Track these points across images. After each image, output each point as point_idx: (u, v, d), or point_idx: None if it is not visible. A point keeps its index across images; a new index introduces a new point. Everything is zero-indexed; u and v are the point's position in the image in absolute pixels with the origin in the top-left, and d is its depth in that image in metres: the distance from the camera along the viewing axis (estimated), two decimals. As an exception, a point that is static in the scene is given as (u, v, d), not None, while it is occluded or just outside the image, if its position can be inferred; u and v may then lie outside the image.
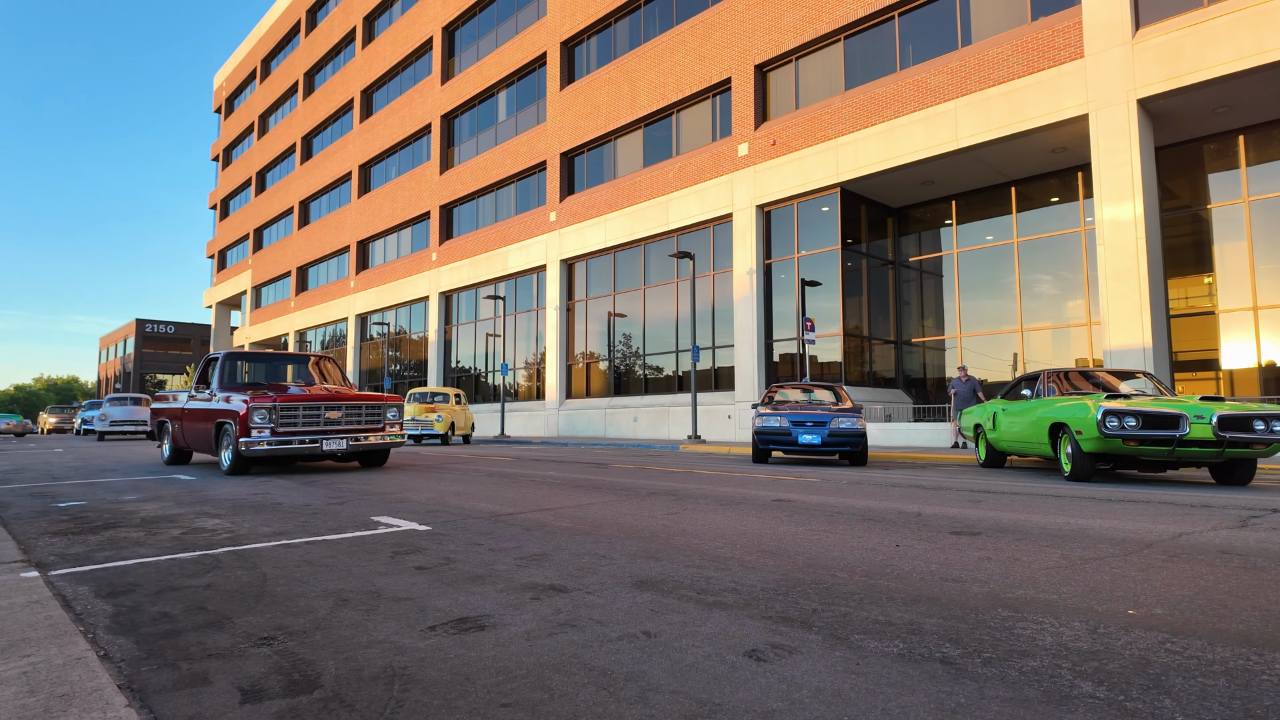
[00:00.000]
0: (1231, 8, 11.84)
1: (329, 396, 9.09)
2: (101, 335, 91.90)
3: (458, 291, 30.02)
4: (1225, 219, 14.20)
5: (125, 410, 24.79)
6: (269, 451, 8.57)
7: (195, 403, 10.01)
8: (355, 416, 9.25)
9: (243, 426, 8.53)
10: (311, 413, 8.91)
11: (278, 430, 8.64)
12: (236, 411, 8.63)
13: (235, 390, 9.22)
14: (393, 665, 2.13)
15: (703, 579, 3.21)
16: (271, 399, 8.63)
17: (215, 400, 9.37)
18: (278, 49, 45.81)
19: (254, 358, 10.65)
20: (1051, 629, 2.46)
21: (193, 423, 9.96)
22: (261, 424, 8.54)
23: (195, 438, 9.94)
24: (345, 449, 9.06)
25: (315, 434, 8.92)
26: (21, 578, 3.32)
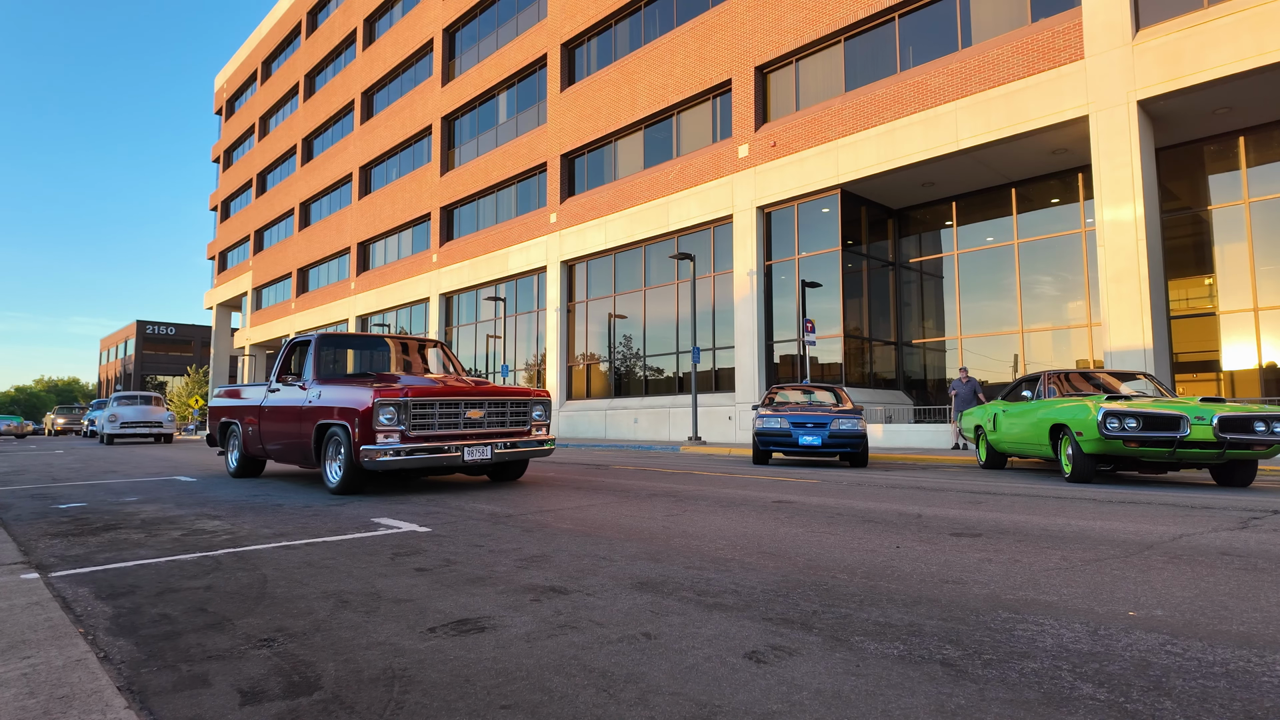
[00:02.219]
0: (1231, 9, 11.84)
1: (470, 390, 6.96)
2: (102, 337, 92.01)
3: (458, 293, 30.03)
4: (1225, 220, 14.20)
5: (137, 410, 21.99)
6: (398, 463, 6.37)
7: (280, 398, 7.88)
8: (499, 415, 7.14)
9: (364, 430, 6.35)
10: (450, 411, 6.76)
11: (409, 435, 6.44)
12: (355, 409, 6.44)
13: (344, 383, 7.02)
14: (392, 667, 2.13)
15: (703, 580, 3.21)
16: (401, 392, 6.44)
17: (313, 395, 7.23)
18: (278, 51, 45.86)
19: (353, 342, 8.55)
20: (1052, 630, 2.46)
21: (278, 424, 7.82)
22: (389, 426, 6.35)
23: (281, 444, 7.79)
24: (489, 459, 6.89)
25: (454, 439, 6.80)
26: (22, 579, 3.32)
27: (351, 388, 6.79)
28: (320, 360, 7.77)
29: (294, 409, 7.54)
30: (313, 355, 7.74)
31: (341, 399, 6.78)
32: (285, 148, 43.65)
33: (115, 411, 21.22)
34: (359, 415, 6.42)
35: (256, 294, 46.90)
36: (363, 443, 6.37)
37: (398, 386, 6.53)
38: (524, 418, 7.38)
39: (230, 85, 52.55)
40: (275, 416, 7.92)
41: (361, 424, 6.39)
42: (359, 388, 6.67)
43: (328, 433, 6.94)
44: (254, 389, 8.70)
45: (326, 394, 7.05)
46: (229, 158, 53.51)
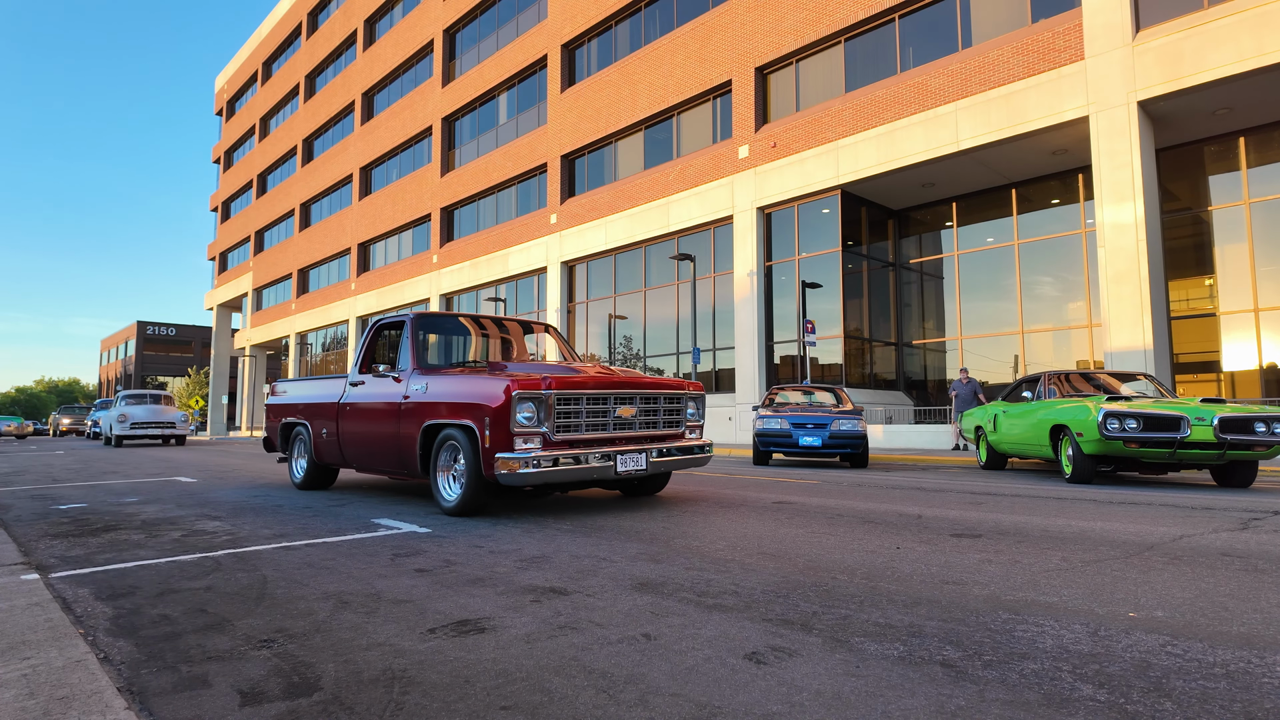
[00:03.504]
0: (1231, 10, 11.84)
1: (621, 381, 5.52)
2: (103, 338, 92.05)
3: (459, 293, 30.04)
4: (1226, 221, 14.20)
5: (148, 410, 20.22)
6: (543, 476, 4.91)
7: (367, 394, 6.40)
8: (651, 414, 5.69)
9: (498, 432, 4.94)
10: (598, 409, 5.33)
11: (552, 439, 5.06)
12: (484, 406, 5.04)
13: (458, 373, 5.58)
14: (392, 668, 2.13)
15: (703, 581, 3.21)
16: (544, 383, 5.05)
17: (415, 388, 5.77)
18: (279, 51, 45.89)
19: (449, 324, 7.01)
20: (1052, 631, 2.45)
21: (364, 426, 6.32)
22: (528, 427, 4.95)
23: (369, 450, 6.27)
24: (644, 469, 5.41)
25: (604, 444, 5.37)
26: (22, 580, 3.32)
27: (471, 378, 5.32)
28: (418, 347, 6.17)
29: (388, 407, 6.04)
30: (410, 340, 6.14)
31: (460, 393, 5.30)
32: (286, 148, 43.67)
33: (124, 411, 19.66)
34: (490, 414, 4.95)
35: (257, 295, 46.92)
36: (497, 449, 4.91)
37: (538, 376, 5.03)
38: (677, 416, 5.91)
39: (231, 86, 52.58)
40: (361, 416, 6.40)
41: (494, 425, 4.93)
42: (482, 378, 5.21)
43: (439, 436, 5.46)
44: (327, 383, 7.23)
45: (436, 387, 5.57)
46: (229, 158, 53.54)
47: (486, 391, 5.11)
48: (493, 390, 5.06)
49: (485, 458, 4.99)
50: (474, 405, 5.14)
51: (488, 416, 5.00)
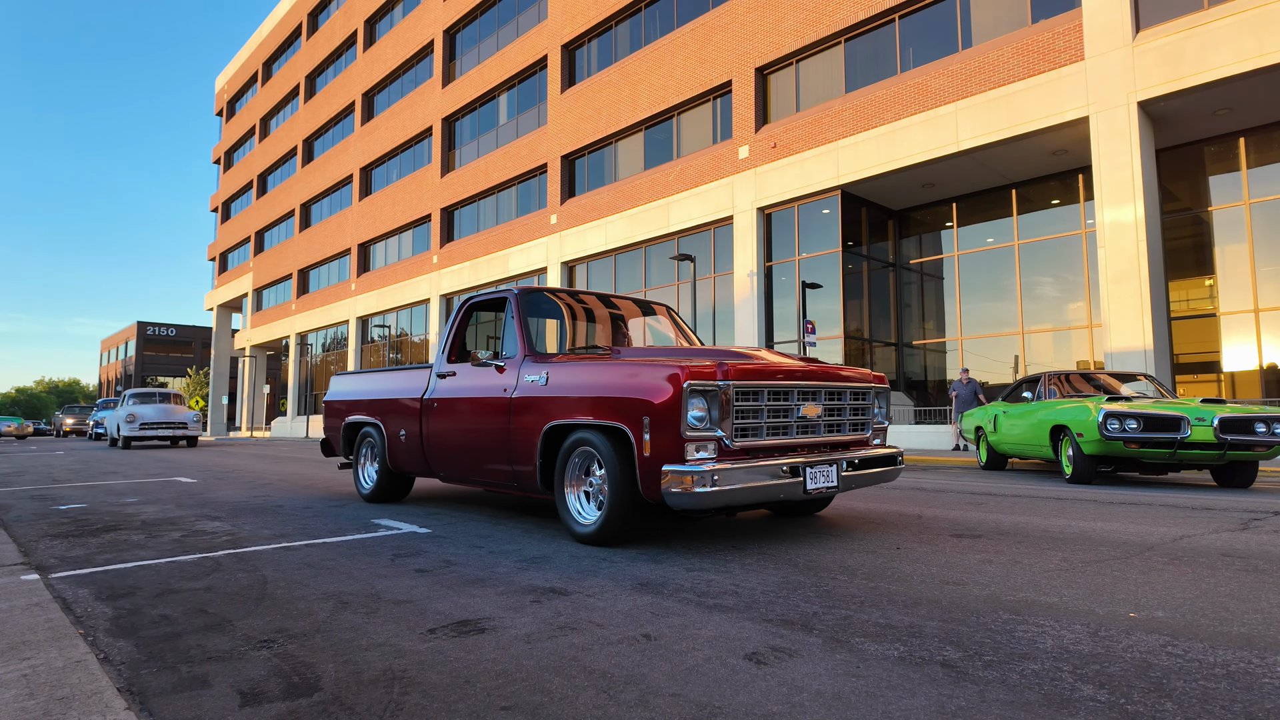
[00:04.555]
0: (1232, 10, 11.85)
1: (804, 370, 4.25)
2: (103, 338, 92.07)
3: (459, 294, 30.04)
4: (1226, 221, 14.20)
5: (158, 409, 18.79)
6: (722, 496, 3.67)
7: (460, 387, 5.26)
8: (836, 413, 4.46)
9: (663, 436, 3.74)
10: (780, 405, 4.09)
11: (730, 446, 3.84)
12: (644, 401, 3.82)
13: (592, 360, 4.38)
14: (392, 668, 2.13)
15: (703, 582, 3.21)
16: (720, 370, 3.82)
17: (530, 380, 4.61)
18: (279, 52, 45.90)
19: (554, 305, 5.72)
20: (1053, 632, 2.45)
21: (462, 426, 5.15)
22: (701, 431, 3.76)
23: (465, 456, 5.13)
24: (835, 485, 4.15)
25: (790, 451, 4.13)
26: (22, 580, 3.32)
27: (616, 366, 4.10)
28: (527, 329, 5.02)
29: (492, 403, 4.85)
30: (517, 320, 5.01)
31: (600, 384, 4.08)
32: (286, 149, 43.68)
33: (133, 411, 18.43)
34: (652, 412, 3.74)
35: (257, 295, 46.93)
36: (662, 459, 3.70)
37: (710, 363, 3.82)
38: (864, 417, 4.64)
39: (231, 86, 52.60)
40: (453, 415, 5.24)
41: (657, 427, 3.72)
42: (634, 365, 4.00)
43: (567, 441, 4.28)
44: (405, 375, 6.08)
45: (560, 378, 4.37)
46: (230, 159, 53.55)
47: (644, 382, 3.83)
48: (654, 380, 3.79)
49: (645, 471, 3.76)
50: (625, 401, 3.88)
51: (647, 416, 3.76)
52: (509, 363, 4.91)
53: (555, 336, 5.79)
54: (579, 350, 5.07)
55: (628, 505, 3.97)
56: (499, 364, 4.98)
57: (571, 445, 4.28)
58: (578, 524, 4.24)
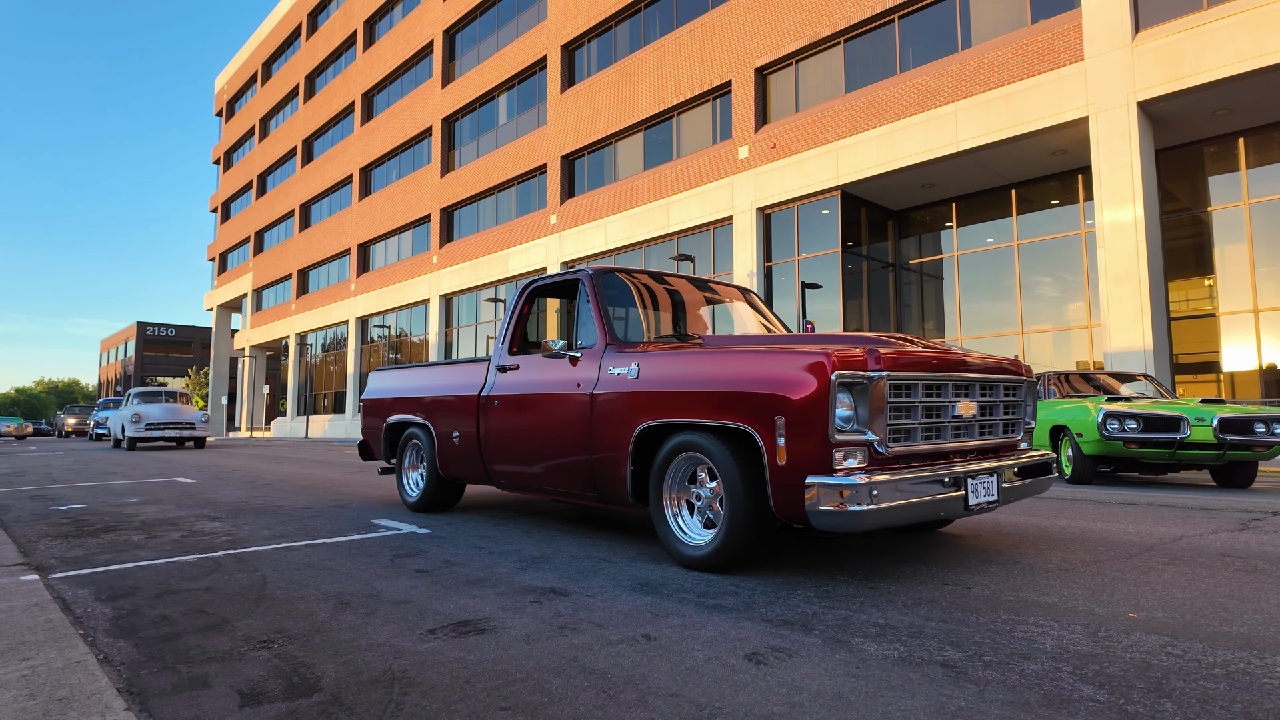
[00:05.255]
0: (1231, 10, 11.85)
1: (957, 359, 3.56)
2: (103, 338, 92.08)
3: (458, 294, 30.05)
4: (1225, 221, 14.20)
5: (165, 409, 17.89)
6: (878, 516, 2.94)
7: (528, 381, 4.61)
8: (989, 412, 3.71)
9: (803, 439, 3.02)
10: (932, 402, 3.36)
11: (882, 453, 3.11)
12: (777, 397, 3.11)
13: (698, 351, 3.68)
14: (392, 668, 2.13)
15: (703, 582, 3.21)
16: (870, 358, 3.13)
17: (617, 372, 3.97)
18: (279, 52, 45.90)
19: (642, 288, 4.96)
20: (1052, 632, 2.46)
21: (529, 427, 4.50)
22: (849, 433, 3.03)
23: (537, 461, 4.46)
24: (995, 500, 3.46)
25: (944, 459, 3.42)
26: (21, 580, 3.32)
27: (732, 356, 3.42)
28: (604, 314, 4.34)
29: (565, 400, 4.22)
30: (594, 304, 4.36)
31: (713, 377, 3.41)
32: (285, 149, 43.69)
33: (138, 410, 17.56)
34: (789, 410, 3.04)
35: (256, 295, 46.93)
36: (804, 468, 3.00)
37: (860, 350, 3.14)
38: (1016, 416, 3.89)
39: (230, 87, 52.60)
40: (518, 414, 4.59)
41: (795, 429, 3.03)
42: (758, 354, 3.32)
43: (668, 446, 3.60)
44: (458, 369, 5.40)
45: (656, 370, 3.72)
46: (229, 159, 53.55)
47: (776, 373, 3.14)
48: (790, 371, 3.10)
49: (779, 482, 3.07)
50: (751, 397, 3.18)
51: (782, 415, 3.06)
52: (587, 353, 4.23)
53: (623, 324, 4.98)
54: (666, 339, 4.32)
55: (753, 523, 3.23)
56: (574, 355, 4.28)
57: (673, 450, 3.58)
58: (684, 545, 3.50)
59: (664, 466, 3.64)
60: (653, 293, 5.05)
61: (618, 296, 4.69)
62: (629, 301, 4.80)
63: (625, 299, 4.77)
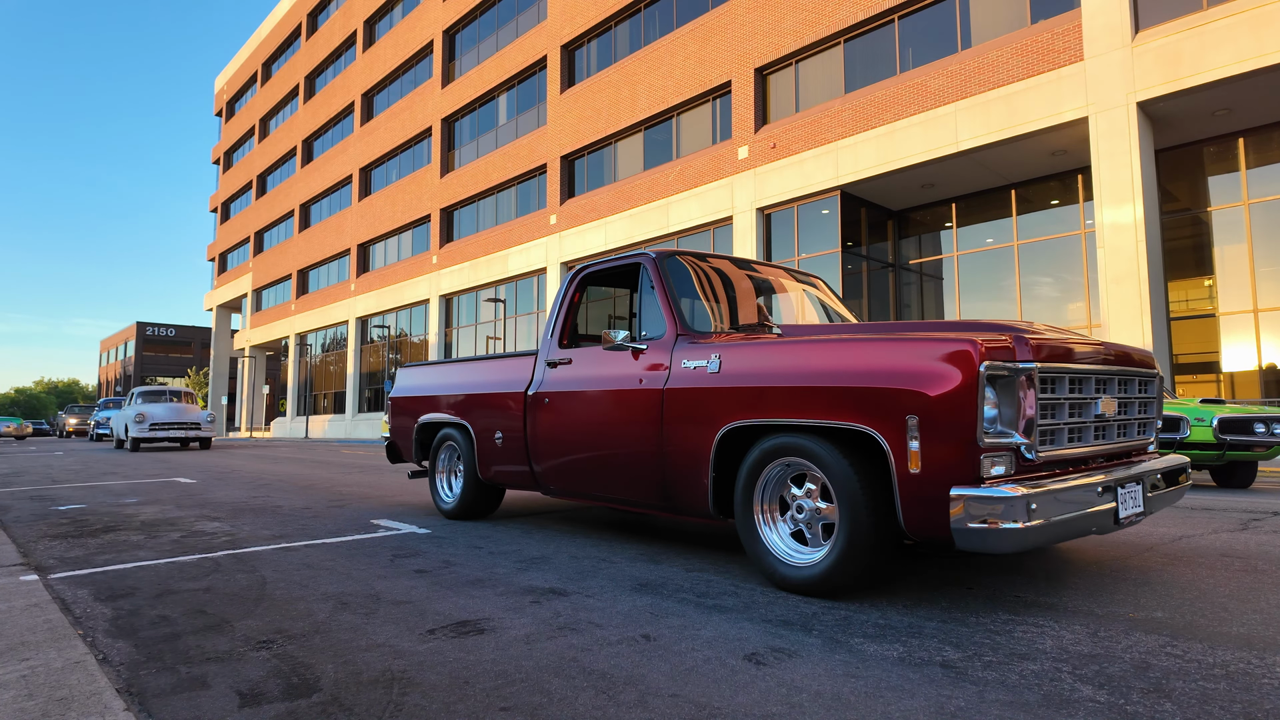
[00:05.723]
0: (1231, 10, 11.86)
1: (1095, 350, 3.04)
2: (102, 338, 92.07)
3: (458, 294, 30.05)
4: (1225, 222, 14.20)
5: (169, 409, 17.30)
6: (1035, 534, 2.49)
7: (583, 376, 4.19)
8: (1125, 409, 3.24)
9: (942, 443, 2.56)
10: (1077, 398, 2.89)
11: (1030, 459, 2.65)
12: (915, 392, 2.63)
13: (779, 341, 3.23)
14: (392, 669, 2.13)
15: (703, 582, 3.21)
16: (1018, 346, 2.64)
17: (694, 364, 3.52)
18: (279, 52, 45.91)
19: (711, 272, 4.35)
20: (1052, 632, 2.45)
21: (586, 427, 4.07)
22: (997, 436, 2.56)
23: (596, 465, 4.02)
24: (1141, 511, 3.00)
25: (1093, 465, 3.01)
26: (21, 581, 3.32)
27: (850, 345, 2.95)
28: (673, 300, 3.89)
29: (630, 397, 3.78)
30: (660, 290, 3.93)
31: (824, 370, 2.95)
32: (285, 149, 43.69)
33: (142, 410, 17.03)
34: (926, 408, 2.62)
35: (256, 295, 46.92)
36: (945, 478, 2.58)
37: (1003, 338, 2.67)
38: (1149, 415, 3.48)
39: (230, 87, 52.61)
40: (572, 413, 4.16)
41: (934, 430, 2.61)
42: (884, 343, 2.85)
43: (761, 449, 3.13)
44: (500, 364, 4.97)
45: (742, 363, 3.27)
46: (229, 159, 53.55)
47: (907, 365, 2.70)
48: (925, 362, 2.66)
49: (911, 494, 2.63)
50: (874, 393, 2.73)
51: (916, 414, 2.62)
52: (653, 345, 3.80)
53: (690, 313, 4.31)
54: (744, 328, 3.84)
55: (875, 541, 2.77)
56: (638, 347, 3.86)
57: (766, 455, 3.11)
58: (784, 565, 3.03)
59: (754, 473, 3.17)
60: (723, 277, 4.41)
61: (681, 282, 4.12)
62: (692, 287, 4.16)
63: (687, 285, 4.15)
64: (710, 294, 4.24)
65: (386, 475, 9.33)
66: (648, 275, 4.06)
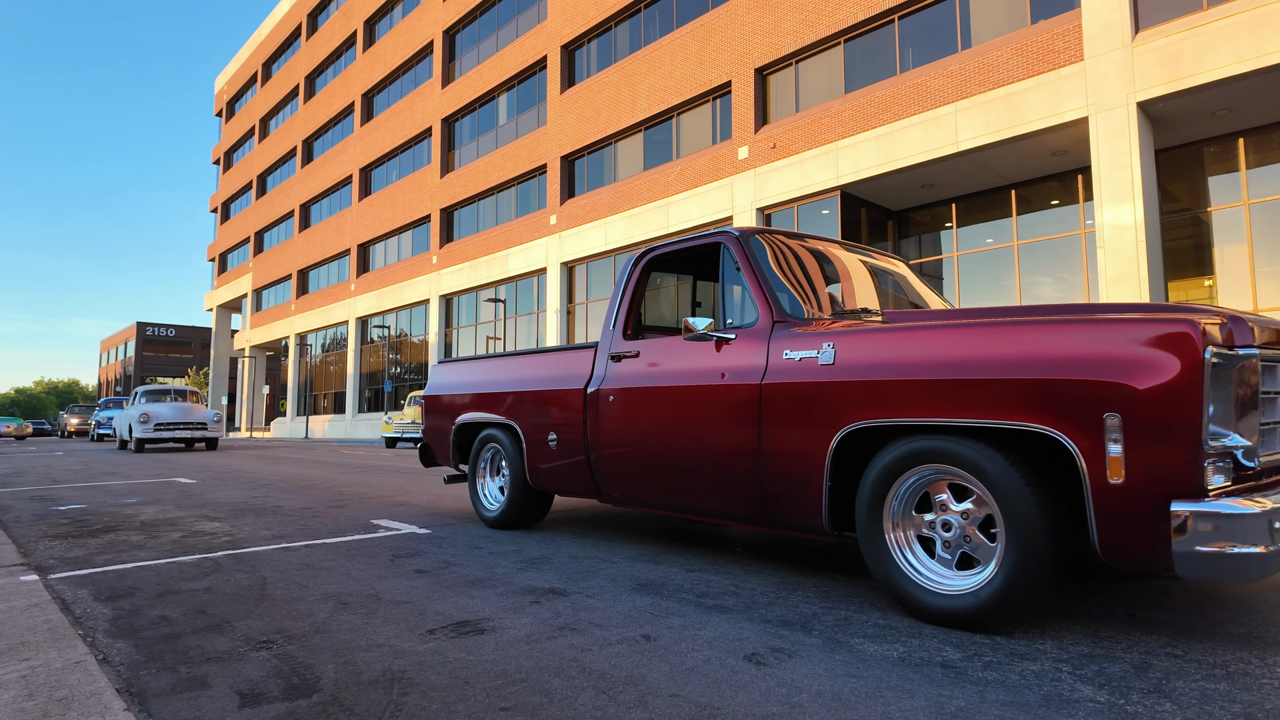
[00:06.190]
0: (1231, 11, 11.86)
1: None
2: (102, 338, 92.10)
3: (458, 294, 30.06)
4: (1225, 222, 14.21)
5: (175, 408, 16.86)
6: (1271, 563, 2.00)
7: (656, 371, 3.72)
8: None
9: (1164, 450, 2.08)
10: None
11: (1252, 469, 2.18)
12: (1121, 386, 2.15)
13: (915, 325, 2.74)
14: (392, 669, 2.13)
15: (703, 582, 3.21)
16: (1236, 328, 2.21)
17: (800, 355, 3.02)
18: (279, 53, 45.92)
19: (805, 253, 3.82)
20: (1052, 632, 2.46)
21: (662, 425, 3.60)
22: (1220, 440, 2.09)
23: (674, 471, 3.54)
24: None
25: None
26: (21, 581, 3.32)
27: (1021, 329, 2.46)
28: (766, 280, 3.43)
29: (718, 394, 3.31)
30: (750, 271, 3.46)
31: (990, 358, 2.46)
32: (285, 149, 43.70)
33: (147, 410, 16.53)
34: (1134, 405, 2.15)
35: (256, 296, 46.93)
36: (1163, 490, 2.10)
37: (1217, 321, 2.22)
38: None
39: (230, 87, 52.61)
40: (644, 412, 3.70)
41: (1143, 432, 2.14)
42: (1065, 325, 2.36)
43: (892, 456, 2.69)
44: (552, 359, 4.51)
45: (869, 352, 2.80)
46: (229, 159, 53.56)
47: (1105, 351, 2.25)
48: (1128, 348, 2.21)
49: (1112, 510, 2.19)
50: (1062, 387, 2.28)
51: (1118, 413, 2.17)
52: (744, 334, 3.32)
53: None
54: (848, 314, 3.38)
55: (1049, 567, 2.31)
56: (726, 336, 3.37)
57: (900, 461, 2.64)
58: (928, 593, 2.55)
59: (884, 483, 2.69)
60: (814, 257, 3.87)
61: (770, 263, 3.62)
62: (782, 269, 3.63)
63: (777, 266, 3.66)
64: (801, 276, 3.67)
65: (386, 475, 9.33)
66: (730, 256, 3.60)
